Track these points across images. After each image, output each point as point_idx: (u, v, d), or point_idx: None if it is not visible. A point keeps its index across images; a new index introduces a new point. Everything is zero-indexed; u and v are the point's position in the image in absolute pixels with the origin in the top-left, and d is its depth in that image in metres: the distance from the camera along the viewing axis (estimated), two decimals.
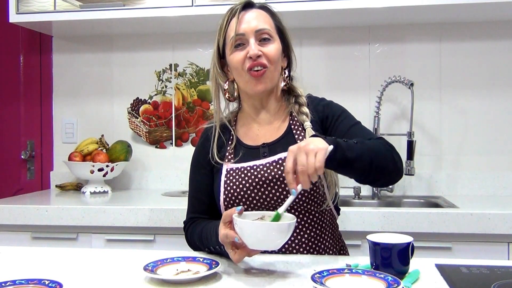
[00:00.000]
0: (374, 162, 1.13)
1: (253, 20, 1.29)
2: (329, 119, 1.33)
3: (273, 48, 1.28)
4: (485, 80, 2.28)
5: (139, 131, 2.54)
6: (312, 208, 1.27)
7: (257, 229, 1.01)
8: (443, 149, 2.31)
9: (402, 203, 2.22)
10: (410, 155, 2.16)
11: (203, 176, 1.37)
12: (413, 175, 2.18)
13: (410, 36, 2.33)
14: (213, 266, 1.07)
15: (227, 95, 1.37)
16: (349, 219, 1.76)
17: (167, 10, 2.13)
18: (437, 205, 2.08)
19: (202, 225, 1.29)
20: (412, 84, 2.15)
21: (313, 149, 1.03)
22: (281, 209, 1.06)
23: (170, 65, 2.52)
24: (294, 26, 2.39)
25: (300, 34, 2.39)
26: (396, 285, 0.91)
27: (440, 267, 1.10)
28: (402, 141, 2.24)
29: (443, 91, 2.31)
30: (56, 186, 2.49)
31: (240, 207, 1.07)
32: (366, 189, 2.30)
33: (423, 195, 2.27)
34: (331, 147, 1.06)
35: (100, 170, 2.26)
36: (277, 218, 1.05)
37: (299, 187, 1.04)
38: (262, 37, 1.28)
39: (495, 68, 2.28)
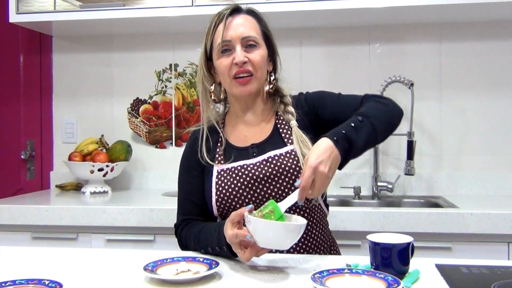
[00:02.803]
0: (381, 125, 1.23)
1: (240, 26, 1.30)
2: (315, 107, 1.36)
3: (259, 54, 1.31)
4: (485, 80, 2.28)
5: (139, 131, 2.54)
6: (301, 204, 1.27)
7: (270, 228, 1.03)
8: (443, 149, 2.31)
9: (402, 203, 2.22)
10: (410, 155, 2.16)
11: (194, 178, 1.37)
12: (413, 175, 2.18)
13: (410, 36, 2.33)
14: (213, 266, 1.07)
15: (213, 96, 1.39)
16: (349, 219, 1.76)
17: (167, 10, 2.13)
18: (437, 205, 2.08)
19: (199, 227, 1.29)
20: (412, 84, 2.15)
21: (328, 174, 1.11)
22: (283, 206, 1.10)
23: (170, 65, 2.52)
24: (294, 26, 2.41)
25: (300, 34, 2.39)
26: (396, 285, 0.91)
27: (440, 267, 1.10)
28: (402, 141, 2.25)
29: (443, 91, 2.31)
30: (56, 186, 2.49)
31: (250, 206, 1.09)
32: (366, 189, 2.30)
33: (423, 195, 2.27)
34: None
35: (100, 170, 2.26)
36: (277, 211, 1.08)
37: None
38: (248, 43, 1.30)
39: (495, 68, 2.28)
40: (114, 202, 2.08)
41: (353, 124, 1.19)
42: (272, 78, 1.38)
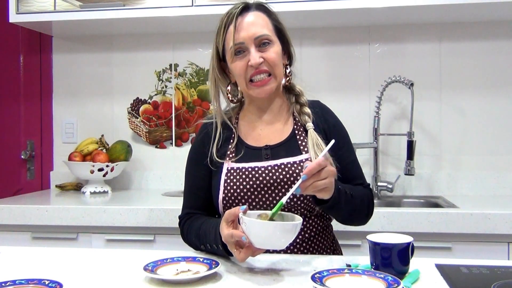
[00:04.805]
0: (355, 214, 1.30)
1: (251, 26, 1.27)
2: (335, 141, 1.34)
3: (273, 51, 1.28)
4: (485, 80, 2.28)
5: (139, 131, 2.54)
6: (305, 210, 1.28)
7: (265, 228, 1.02)
8: (443, 149, 2.31)
9: (402, 203, 2.22)
10: (410, 155, 2.16)
11: (201, 172, 1.36)
12: (413, 175, 2.18)
13: (410, 36, 2.33)
14: (213, 266, 1.07)
15: (230, 97, 1.38)
16: None
17: (167, 10, 2.13)
18: (437, 205, 2.08)
19: (200, 221, 1.29)
20: (412, 84, 2.15)
21: (333, 178, 1.11)
22: (284, 199, 1.08)
23: (170, 65, 2.52)
24: (294, 26, 2.41)
25: (300, 34, 2.39)
26: (396, 285, 0.91)
27: (440, 267, 1.10)
28: (402, 141, 2.25)
29: (443, 91, 2.31)
30: (56, 186, 2.49)
31: (244, 206, 1.08)
32: None
33: (423, 195, 2.27)
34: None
35: (100, 170, 2.26)
36: (279, 207, 1.07)
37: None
38: (262, 42, 1.28)
39: (495, 68, 2.28)
40: (114, 202, 2.08)
41: (352, 194, 1.24)
42: (288, 71, 1.37)
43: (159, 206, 1.88)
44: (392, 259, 1.02)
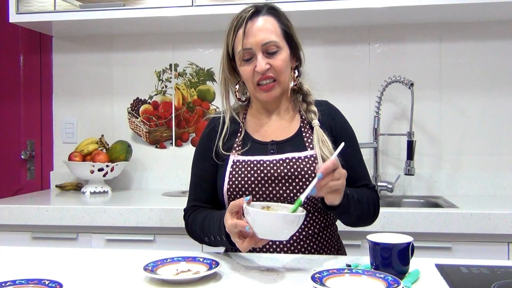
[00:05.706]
0: (362, 217, 1.31)
1: (260, 32, 1.29)
2: (341, 140, 1.33)
3: (281, 59, 1.30)
4: (485, 80, 2.28)
5: (139, 131, 2.54)
6: (308, 206, 1.28)
7: (268, 218, 1.03)
8: (443, 149, 2.31)
9: (402, 203, 2.22)
10: (410, 155, 2.16)
11: (208, 165, 1.37)
12: (413, 175, 2.18)
13: (410, 36, 2.33)
14: (213, 266, 1.07)
15: (238, 95, 1.41)
16: None
17: (167, 10, 2.13)
18: (437, 205, 2.08)
19: (204, 214, 1.30)
20: (412, 84, 2.15)
21: (343, 182, 1.12)
22: (302, 196, 1.08)
23: (170, 65, 2.52)
24: (294, 26, 2.40)
25: (300, 34, 2.37)
26: (396, 285, 0.91)
27: (440, 267, 1.10)
28: (402, 141, 2.25)
29: (443, 91, 2.31)
30: (56, 186, 2.49)
31: (248, 197, 1.09)
32: None
33: (423, 195, 2.27)
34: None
35: (100, 170, 2.26)
36: (298, 205, 1.07)
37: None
38: (269, 50, 1.29)
39: (495, 68, 2.27)
40: (114, 202, 2.08)
41: (353, 195, 1.24)
42: (296, 74, 1.38)
43: (159, 206, 1.88)
44: (392, 259, 1.02)
